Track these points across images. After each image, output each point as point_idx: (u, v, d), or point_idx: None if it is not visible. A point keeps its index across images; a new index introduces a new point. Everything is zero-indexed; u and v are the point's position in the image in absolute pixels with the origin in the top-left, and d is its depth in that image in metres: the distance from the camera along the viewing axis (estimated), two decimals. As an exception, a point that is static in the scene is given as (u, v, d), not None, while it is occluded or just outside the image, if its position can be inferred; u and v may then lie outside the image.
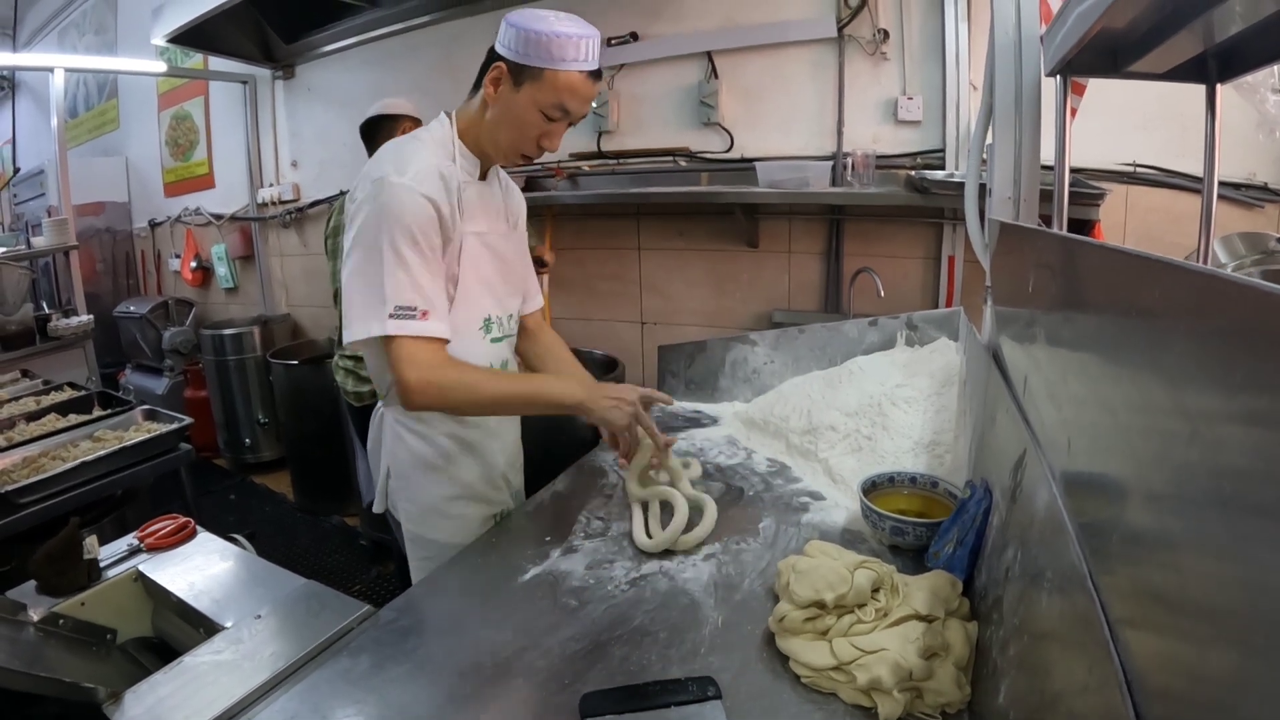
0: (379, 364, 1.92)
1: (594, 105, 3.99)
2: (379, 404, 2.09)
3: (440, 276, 1.80)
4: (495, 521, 2.05)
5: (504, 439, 2.13)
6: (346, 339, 1.77)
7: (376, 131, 3.48)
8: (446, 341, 1.78)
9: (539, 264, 3.62)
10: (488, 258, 1.96)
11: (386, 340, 1.73)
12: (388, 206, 1.70)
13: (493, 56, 1.82)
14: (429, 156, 1.80)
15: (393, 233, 1.69)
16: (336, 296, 3.49)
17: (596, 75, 1.82)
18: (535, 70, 1.75)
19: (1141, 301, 0.84)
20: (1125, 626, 0.79)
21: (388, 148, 1.85)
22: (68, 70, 5.63)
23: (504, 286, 2.04)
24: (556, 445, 2.53)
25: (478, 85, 1.89)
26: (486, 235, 1.95)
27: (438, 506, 2.00)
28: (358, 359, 3.43)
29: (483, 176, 1.97)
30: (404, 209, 1.70)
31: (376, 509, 2.14)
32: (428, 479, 1.99)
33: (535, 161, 1.98)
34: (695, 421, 2.68)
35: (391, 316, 1.70)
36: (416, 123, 3.39)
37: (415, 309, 1.71)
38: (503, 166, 2.05)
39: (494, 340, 2.01)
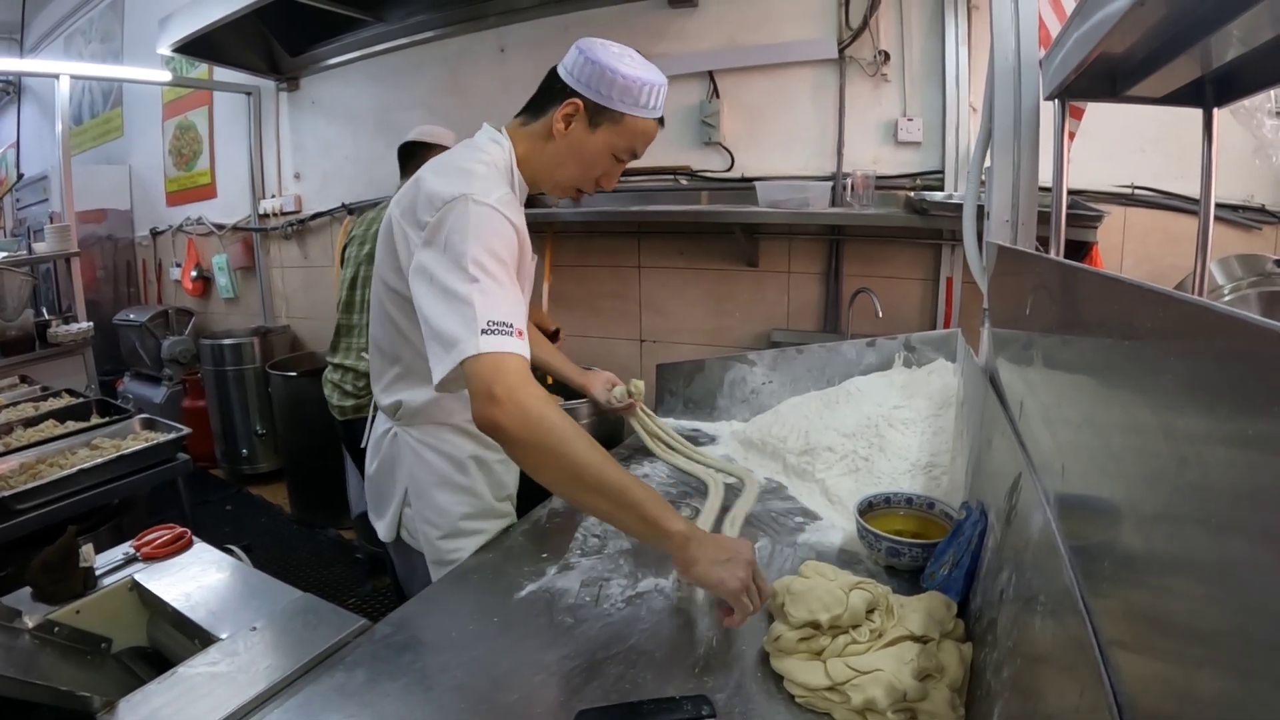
0: (406, 382, 1.90)
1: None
2: (385, 427, 2.07)
3: (524, 302, 1.68)
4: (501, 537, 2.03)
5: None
6: (436, 374, 1.53)
7: (411, 156, 3.45)
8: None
9: (552, 337, 3.57)
10: (525, 287, 1.84)
11: (470, 359, 1.48)
12: (476, 228, 1.57)
13: (557, 83, 1.76)
14: (503, 183, 1.73)
15: (480, 254, 1.55)
16: (340, 305, 3.51)
17: (662, 121, 1.82)
18: (616, 115, 1.73)
19: (1134, 329, 0.85)
20: (1117, 649, 0.79)
21: (453, 164, 1.74)
22: (73, 77, 5.62)
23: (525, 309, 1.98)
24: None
25: (534, 107, 1.84)
26: (528, 266, 1.84)
27: (459, 526, 1.98)
28: (345, 371, 3.41)
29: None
30: (495, 231, 1.59)
31: (385, 538, 2.12)
32: (450, 497, 1.97)
33: None
34: (693, 440, 2.68)
35: (484, 332, 1.47)
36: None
37: (510, 325, 1.51)
38: (553, 196, 1.98)
39: None
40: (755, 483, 2.22)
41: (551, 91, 1.78)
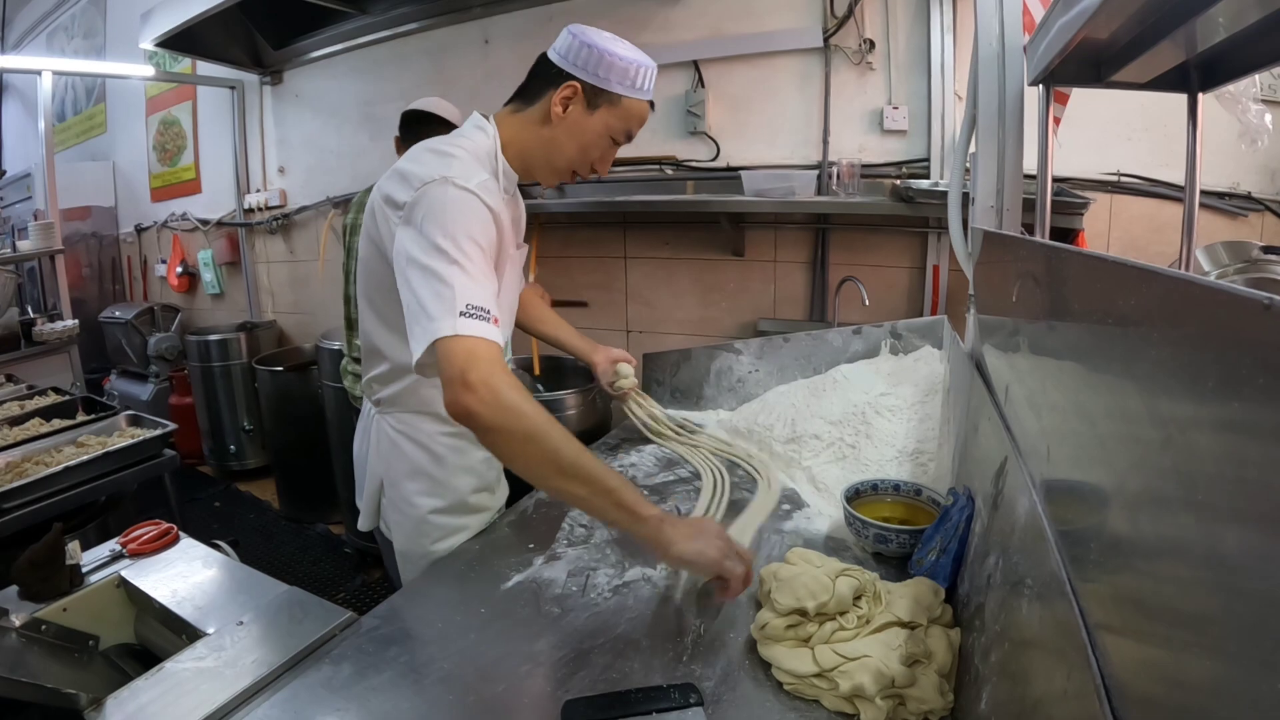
0: (385, 366, 1.90)
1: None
2: (368, 412, 2.07)
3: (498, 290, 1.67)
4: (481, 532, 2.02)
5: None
6: (414, 349, 1.53)
7: (418, 128, 3.31)
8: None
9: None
10: (510, 281, 1.87)
11: (446, 344, 1.49)
12: (455, 210, 1.58)
13: (550, 67, 1.77)
14: (484, 170, 1.71)
15: (458, 236, 1.55)
16: (347, 297, 3.49)
17: (653, 104, 1.84)
18: (614, 96, 1.75)
19: (1116, 308, 0.85)
20: (1104, 632, 0.79)
21: (432, 151, 1.73)
22: (56, 73, 5.60)
23: (514, 301, 2.01)
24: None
25: (525, 94, 1.84)
26: (512, 255, 1.85)
27: (429, 519, 1.96)
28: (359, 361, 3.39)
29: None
30: (473, 216, 1.59)
31: (363, 527, 2.12)
32: (421, 488, 1.96)
33: None
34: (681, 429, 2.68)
35: (462, 314, 1.48)
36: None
37: (487, 310, 1.52)
38: (546, 185, 1.96)
39: None
40: (773, 491, 2.09)
41: (546, 77, 1.78)
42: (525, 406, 1.45)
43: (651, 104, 1.83)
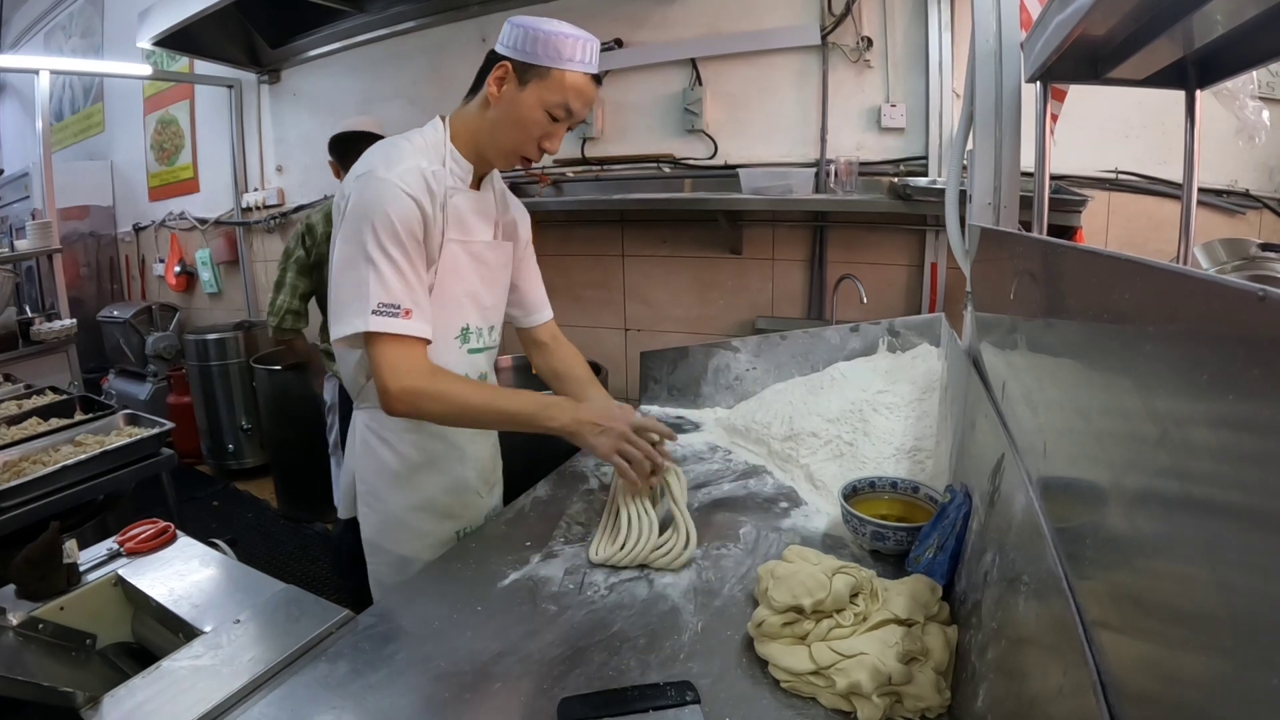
0: (354, 366, 1.94)
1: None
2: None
3: (423, 276, 1.80)
4: (458, 538, 2.03)
5: (475, 453, 2.11)
6: (333, 335, 1.78)
7: (349, 147, 3.54)
8: (428, 342, 1.79)
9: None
10: (470, 266, 1.96)
11: (368, 341, 1.74)
12: (372, 202, 1.71)
13: (494, 58, 1.82)
14: (417, 157, 1.80)
15: (376, 228, 1.70)
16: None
17: (598, 79, 1.85)
18: (543, 69, 1.77)
19: (1114, 303, 0.85)
20: (1101, 629, 0.79)
21: (377, 147, 1.85)
22: (53, 73, 5.61)
23: (488, 297, 2.05)
24: (538, 451, 2.53)
25: (474, 89, 1.90)
26: (471, 244, 1.94)
27: (399, 516, 2.01)
28: None
29: (476, 185, 1.97)
30: (388, 205, 1.71)
31: (342, 514, 2.16)
32: (390, 488, 2.00)
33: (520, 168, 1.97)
34: (677, 428, 2.67)
35: (374, 313, 1.70)
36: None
37: (398, 306, 1.71)
38: (501, 170, 2.05)
39: (472, 351, 2.01)
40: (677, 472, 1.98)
41: (488, 66, 1.84)
42: (441, 390, 1.75)
43: (598, 79, 1.85)
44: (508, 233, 2.11)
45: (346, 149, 3.57)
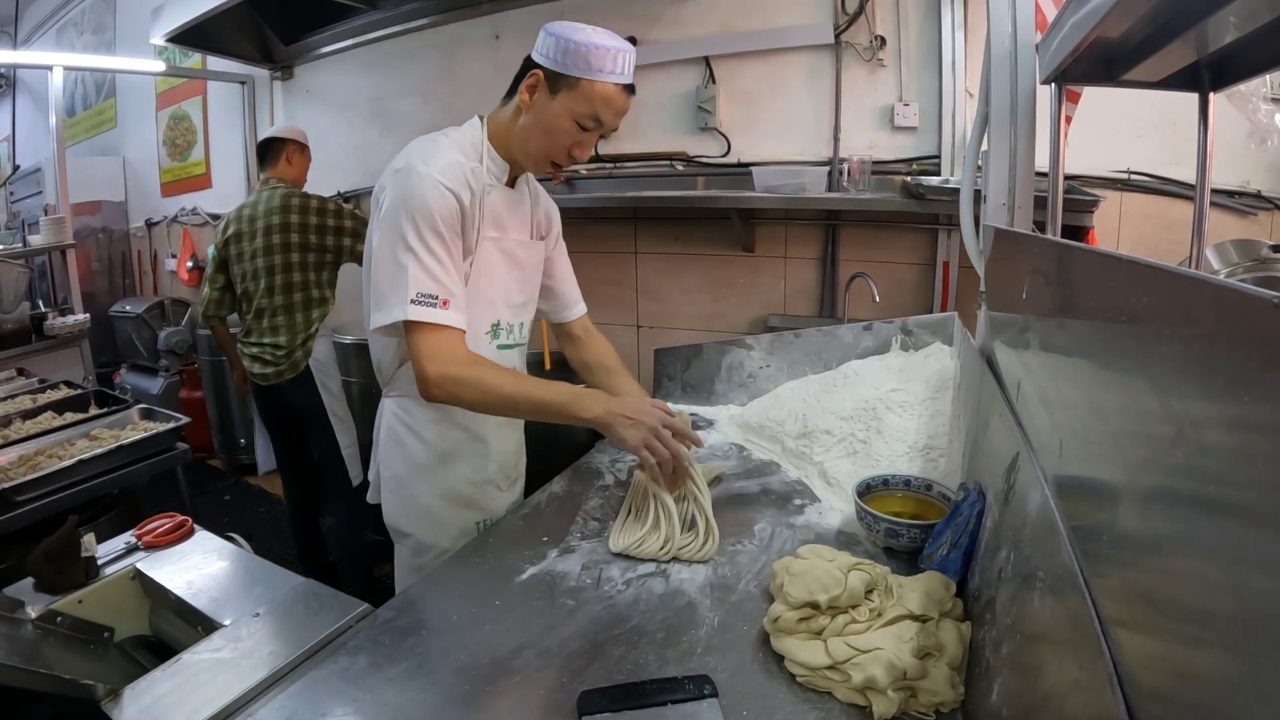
0: (388, 354, 1.99)
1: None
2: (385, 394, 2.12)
3: (460, 268, 1.84)
4: (478, 530, 2.06)
5: (498, 448, 2.13)
6: (372, 324, 1.82)
7: (267, 153, 3.96)
8: (464, 332, 1.82)
9: None
10: (503, 264, 2.00)
11: (408, 329, 1.78)
12: (412, 194, 1.76)
13: (529, 64, 1.85)
14: (456, 153, 1.85)
15: (416, 220, 1.75)
16: (262, 291, 3.86)
17: (630, 89, 1.86)
18: (572, 80, 1.79)
19: (1129, 306, 0.86)
20: (1117, 626, 0.80)
21: (415, 143, 1.89)
22: (66, 69, 5.62)
23: (519, 295, 2.09)
24: (554, 447, 2.55)
25: (512, 91, 1.93)
26: (504, 241, 1.98)
27: (420, 502, 2.04)
28: (263, 346, 3.80)
29: (511, 183, 2.01)
30: (428, 198, 1.76)
31: (371, 499, 2.19)
32: (413, 476, 2.03)
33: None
34: (691, 424, 2.68)
35: (414, 302, 1.75)
36: (301, 147, 4.01)
37: (436, 297, 1.76)
38: (535, 174, 2.09)
39: (501, 347, 2.04)
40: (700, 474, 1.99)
41: (523, 73, 1.87)
42: (479, 378, 1.79)
43: (631, 89, 1.86)
44: (541, 230, 2.15)
45: (264, 152, 3.98)
